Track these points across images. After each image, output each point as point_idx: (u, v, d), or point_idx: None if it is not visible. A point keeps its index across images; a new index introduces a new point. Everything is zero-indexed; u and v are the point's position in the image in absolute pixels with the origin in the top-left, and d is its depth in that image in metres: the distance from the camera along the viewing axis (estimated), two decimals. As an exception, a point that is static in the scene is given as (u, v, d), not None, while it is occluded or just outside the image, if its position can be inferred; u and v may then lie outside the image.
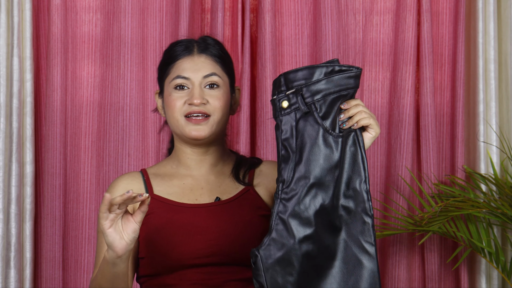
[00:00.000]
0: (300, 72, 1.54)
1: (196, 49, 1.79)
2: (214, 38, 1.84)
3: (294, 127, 1.54)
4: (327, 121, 1.54)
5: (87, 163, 2.63)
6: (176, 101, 1.76)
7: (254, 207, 1.76)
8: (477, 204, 2.50)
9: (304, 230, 1.52)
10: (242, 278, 1.71)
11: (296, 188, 1.53)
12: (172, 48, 1.82)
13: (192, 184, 1.79)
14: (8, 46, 2.56)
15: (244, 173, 1.81)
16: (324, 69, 1.54)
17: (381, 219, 2.65)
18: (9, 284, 2.52)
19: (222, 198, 1.76)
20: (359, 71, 1.55)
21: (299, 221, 1.52)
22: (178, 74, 1.77)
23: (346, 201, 1.53)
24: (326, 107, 1.54)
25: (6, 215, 2.53)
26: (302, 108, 1.54)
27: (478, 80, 2.65)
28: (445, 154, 2.72)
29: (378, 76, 2.72)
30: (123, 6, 2.62)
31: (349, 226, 1.53)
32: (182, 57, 1.78)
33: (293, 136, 1.54)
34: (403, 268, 2.66)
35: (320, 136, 1.53)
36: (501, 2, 2.70)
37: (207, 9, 2.69)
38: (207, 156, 1.81)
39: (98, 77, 2.65)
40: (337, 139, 1.54)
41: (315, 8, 2.66)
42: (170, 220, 1.72)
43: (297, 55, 2.67)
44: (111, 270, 1.59)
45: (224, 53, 1.83)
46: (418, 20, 2.68)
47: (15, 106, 2.53)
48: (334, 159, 1.53)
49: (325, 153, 1.53)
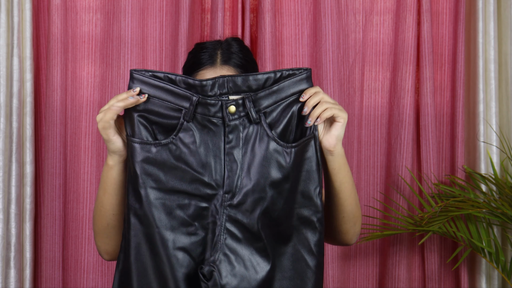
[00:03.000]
0: (251, 77, 1.50)
1: (220, 59, 1.76)
2: (239, 43, 1.80)
3: (242, 137, 1.50)
4: (278, 129, 1.50)
5: (87, 163, 2.64)
6: None
7: None
8: (477, 204, 2.50)
9: (257, 243, 1.48)
10: None
11: (242, 201, 1.49)
12: (197, 53, 1.78)
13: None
14: (8, 46, 2.56)
15: None
16: (272, 75, 1.50)
17: (381, 219, 2.65)
18: (9, 284, 2.52)
19: None
20: (309, 72, 1.51)
21: (250, 235, 1.48)
22: None
23: (301, 210, 1.50)
24: (277, 114, 1.51)
25: (6, 215, 2.53)
26: (252, 116, 1.50)
27: (478, 80, 2.65)
28: (445, 154, 2.72)
29: (378, 76, 2.72)
30: (123, 6, 2.62)
31: (300, 234, 1.51)
32: (205, 67, 1.75)
33: (238, 145, 1.50)
34: (403, 268, 2.66)
35: (269, 147, 1.49)
36: (501, 2, 2.70)
37: (207, 9, 2.69)
38: None
39: (98, 77, 2.65)
40: (289, 149, 1.50)
41: (315, 8, 2.66)
42: None
43: (297, 55, 2.67)
44: (114, 176, 1.56)
45: (247, 61, 1.78)
46: (418, 20, 2.68)
47: (15, 106, 2.53)
48: (282, 171, 1.50)
49: (274, 164, 1.49)
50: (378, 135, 2.71)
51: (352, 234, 1.65)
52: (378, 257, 2.72)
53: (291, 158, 1.50)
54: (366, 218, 2.67)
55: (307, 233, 1.51)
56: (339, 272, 2.66)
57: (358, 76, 2.70)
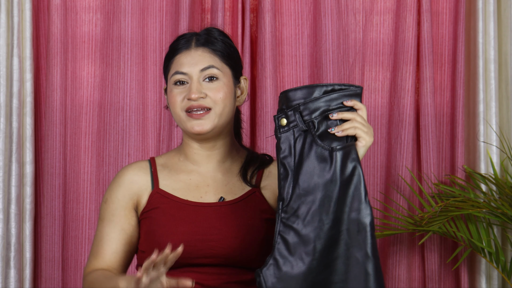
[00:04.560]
0: (299, 91, 1.56)
1: (194, 42, 1.78)
2: (219, 30, 1.82)
3: (293, 145, 1.56)
4: (324, 136, 1.56)
5: (87, 163, 2.63)
6: (176, 97, 1.75)
7: (258, 210, 1.74)
8: (477, 204, 2.50)
9: (305, 247, 1.53)
10: (241, 281, 1.71)
11: (294, 207, 1.54)
12: (174, 42, 1.82)
13: (198, 181, 1.78)
14: (8, 46, 2.56)
15: (252, 173, 1.79)
16: (324, 88, 1.56)
17: (381, 219, 2.65)
18: (9, 284, 2.52)
19: (226, 198, 1.75)
20: (359, 89, 1.57)
21: (299, 239, 1.53)
22: (176, 70, 1.76)
23: (352, 214, 1.54)
24: (324, 123, 1.56)
25: (6, 215, 2.53)
26: (300, 126, 1.56)
27: (478, 80, 2.65)
28: (445, 154, 2.72)
29: (378, 76, 2.72)
30: (123, 6, 2.62)
31: (350, 240, 1.54)
32: (180, 52, 1.78)
33: (291, 154, 1.56)
34: (403, 268, 2.66)
35: (315, 153, 1.55)
36: (501, 2, 2.70)
37: (207, 9, 2.69)
38: (214, 152, 1.79)
39: (98, 77, 2.65)
40: (333, 153, 1.55)
41: (315, 8, 2.66)
42: (173, 217, 1.72)
43: (297, 55, 2.67)
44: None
45: (226, 44, 1.80)
46: (418, 20, 2.68)
47: (15, 106, 2.53)
48: (329, 175, 1.54)
49: (320, 169, 1.55)
50: (378, 135, 2.71)
51: None
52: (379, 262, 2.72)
53: (338, 162, 1.55)
54: (366, 218, 2.67)
55: (360, 236, 1.54)
56: (339, 272, 2.66)
57: (358, 76, 2.70)
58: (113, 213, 1.76)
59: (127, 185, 1.78)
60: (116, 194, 1.78)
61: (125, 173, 1.80)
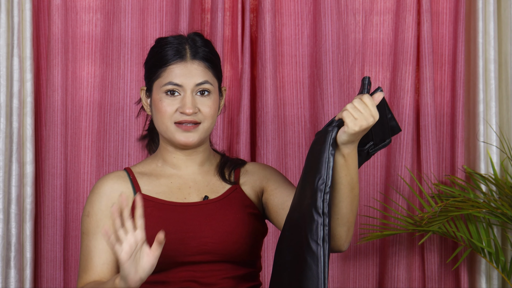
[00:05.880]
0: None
1: (189, 54, 1.77)
2: (202, 37, 1.82)
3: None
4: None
5: (87, 163, 2.64)
6: (167, 108, 1.75)
7: (242, 205, 1.77)
8: (477, 204, 2.50)
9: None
10: (236, 275, 1.73)
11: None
12: (162, 49, 1.79)
13: (179, 183, 1.79)
14: (8, 46, 2.56)
15: (230, 172, 1.82)
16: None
17: (381, 219, 2.65)
18: (9, 284, 2.53)
19: (210, 197, 1.77)
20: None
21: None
22: (170, 80, 1.75)
23: (308, 200, 1.54)
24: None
25: (6, 215, 2.53)
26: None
27: (478, 80, 2.65)
28: (445, 154, 2.72)
29: (378, 76, 2.72)
30: (123, 6, 2.62)
31: (304, 223, 1.54)
32: (174, 63, 1.76)
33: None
34: (403, 268, 2.66)
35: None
36: (501, 2, 2.70)
37: (207, 9, 2.69)
38: (194, 156, 1.81)
39: (98, 77, 2.65)
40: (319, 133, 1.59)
41: (315, 8, 2.66)
42: (161, 219, 1.72)
43: (297, 55, 2.67)
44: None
45: (213, 54, 1.81)
46: (418, 20, 2.68)
47: (15, 106, 2.54)
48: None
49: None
50: (378, 135, 2.70)
51: (344, 240, 1.65)
52: (378, 257, 2.72)
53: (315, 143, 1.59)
54: (366, 218, 2.67)
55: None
56: (338, 272, 2.66)
57: (358, 76, 2.70)
58: (97, 225, 1.74)
59: (109, 194, 1.76)
60: (98, 206, 1.75)
61: (103, 183, 1.78)
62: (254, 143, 2.66)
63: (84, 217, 1.76)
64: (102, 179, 1.79)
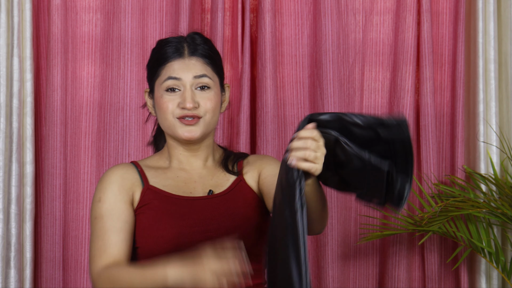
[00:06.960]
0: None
1: (187, 51, 1.82)
2: (202, 36, 1.87)
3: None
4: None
5: (87, 163, 2.64)
6: (168, 104, 1.80)
7: (247, 198, 1.80)
8: (477, 204, 2.50)
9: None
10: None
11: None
12: (162, 49, 1.84)
13: (185, 178, 1.84)
14: (8, 46, 2.56)
15: (233, 164, 1.86)
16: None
17: (381, 219, 2.65)
18: (9, 284, 2.53)
19: (215, 191, 1.81)
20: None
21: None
22: (169, 75, 1.80)
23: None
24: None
25: (6, 215, 2.53)
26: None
27: (478, 80, 2.65)
28: (445, 154, 2.72)
29: (378, 76, 2.72)
30: (123, 6, 2.62)
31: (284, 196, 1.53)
32: (172, 59, 1.82)
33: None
34: (403, 268, 2.66)
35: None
36: (501, 2, 2.70)
37: (207, 9, 2.69)
38: (199, 152, 1.86)
39: (98, 77, 2.65)
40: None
41: (315, 8, 2.66)
42: (168, 212, 1.75)
43: (297, 55, 2.67)
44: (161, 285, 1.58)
45: (213, 52, 1.86)
46: (418, 20, 2.68)
47: (15, 106, 2.54)
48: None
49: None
50: (378, 135, 2.70)
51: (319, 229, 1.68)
52: (378, 257, 2.72)
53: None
54: (365, 218, 2.67)
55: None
56: (338, 272, 2.66)
57: (358, 76, 2.70)
58: (112, 207, 1.75)
59: (120, 181, 1.79)
60: (111, 190, 1.78)
61: (114, 171, 1.82)
62: (254, 143, 2.66)
63: (96, 203, 1.77)
64: (111, 168, 1.83)
